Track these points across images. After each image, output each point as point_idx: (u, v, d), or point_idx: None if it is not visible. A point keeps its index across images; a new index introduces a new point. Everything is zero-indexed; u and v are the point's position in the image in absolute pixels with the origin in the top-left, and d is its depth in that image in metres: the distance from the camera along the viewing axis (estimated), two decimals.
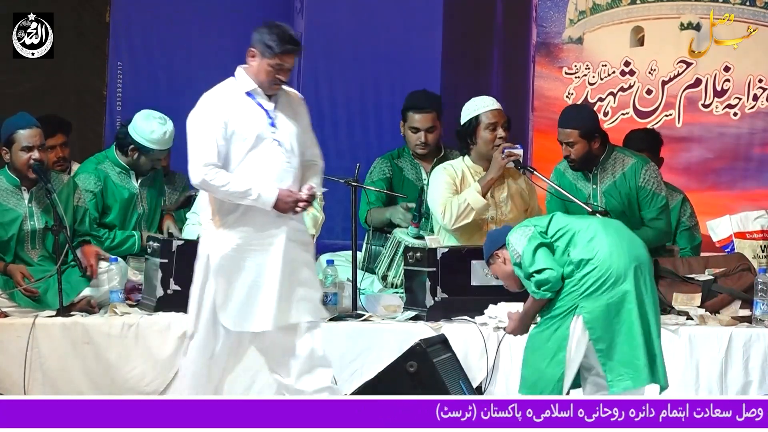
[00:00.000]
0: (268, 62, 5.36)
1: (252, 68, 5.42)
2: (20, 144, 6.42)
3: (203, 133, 5.36)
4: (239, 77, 5.45)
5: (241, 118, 5.36)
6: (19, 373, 6.05)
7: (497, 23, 9.17)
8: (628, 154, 6.97)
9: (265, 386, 6.13)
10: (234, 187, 5.29)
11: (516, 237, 5.36)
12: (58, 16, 7.37)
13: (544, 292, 5.26)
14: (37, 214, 6.52)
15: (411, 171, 7.42)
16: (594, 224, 5.37)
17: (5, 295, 6.39)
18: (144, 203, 7.07)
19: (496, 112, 6.90)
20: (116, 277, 6.46)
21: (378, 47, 8.88)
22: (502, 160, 6.74)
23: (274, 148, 5.37)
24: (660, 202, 6.88)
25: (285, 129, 5.41)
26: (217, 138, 5.33)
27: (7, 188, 6.51)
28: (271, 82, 5.39)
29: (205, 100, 5.46)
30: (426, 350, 5.37)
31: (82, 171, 7.05)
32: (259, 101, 5.42)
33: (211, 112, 5.39)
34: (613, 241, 5.29)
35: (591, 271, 5.24)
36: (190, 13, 8.68)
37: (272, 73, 5.37)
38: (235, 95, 5.42)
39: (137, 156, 6.96)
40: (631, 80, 9.03)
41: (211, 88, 5.49)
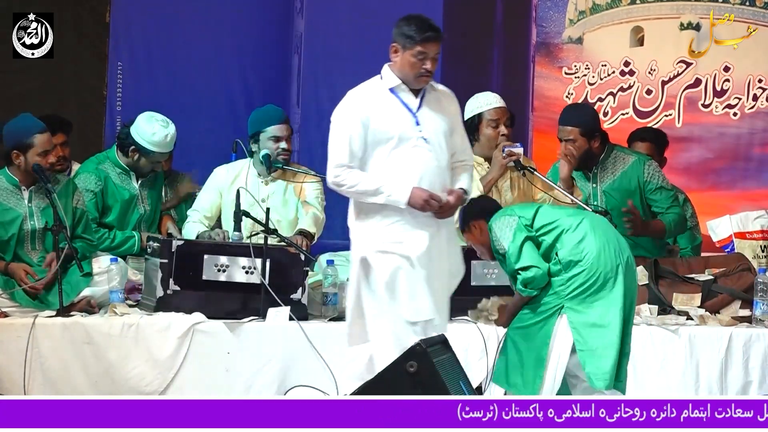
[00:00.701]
0: (410, 53, 5.27)
1: (396, 63, 5.34)
2: (37, 149, 6.42)
3: (339, 132, 5.30)
4: (384, 74, 5.36)
5: (383, 117, 5.28)
6: (19, 373, 6.05)
7: (497, 23, 9.18)
8: (628, 153, 6.98)
9: (265, 386, 6.14)
10: (364, 186, 5.27)
11: (499, 226, 5.36)
12: (58, 16, 7.37)
13: (531, 290, 5.29)
14: (37, 214, 6.52)
15: None
16: (583, 224, 5.36)
17: (5, 295, 6.39)
18: (145, 204, 7.07)
19: (499, 110, 6.90)
20: (116, 277, 6.46)
21: (378, 47, 8.86)
22: (503, 159, 6.74)
23: (420, 147, 5.27)
24: (669, 192, 6.89)
25: (431, 126, 5.31)
26: (354, 138, 5.26)
27: (6, 188, 6.51)
28: (416, 74, 5.29)
29: (347, 99, 5.38)
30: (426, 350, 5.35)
31: (83, 171, 7.05)
32: (402, 98, 5.33)
33: (350, 111, 5.31)
34: (601, 242, 5.30)
35: (579, 273, 5.26)
36: (190, 13, 8.68)
37: (417, 64, 5.28)
38: (378, 93, 5.33)
39: (138, 157, 6.96)
40: (630, 80, 9.03)
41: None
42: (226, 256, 6.33)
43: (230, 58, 8.77)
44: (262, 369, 6.18)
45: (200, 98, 8.59)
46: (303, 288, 6.40)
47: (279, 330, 6.22)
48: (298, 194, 6.89)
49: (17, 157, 6.45)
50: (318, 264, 6.84)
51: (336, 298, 6.50)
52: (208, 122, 8.50)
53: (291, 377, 6.17)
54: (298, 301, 6.37)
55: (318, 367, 6.12)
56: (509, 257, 5.30)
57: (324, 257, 6.82)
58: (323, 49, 8.90)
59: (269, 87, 8.82)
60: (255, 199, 6.67)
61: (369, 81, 5.41)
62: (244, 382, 6.15)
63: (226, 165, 6.99)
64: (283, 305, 6.25)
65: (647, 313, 6.52)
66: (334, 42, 8.89)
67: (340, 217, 7.83)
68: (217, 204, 6.88)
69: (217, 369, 6.17)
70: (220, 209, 6.89)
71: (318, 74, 8.92)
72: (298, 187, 6.90)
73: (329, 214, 7.13)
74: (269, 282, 6.26)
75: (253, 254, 6.29)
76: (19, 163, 6.45)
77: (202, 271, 6.31)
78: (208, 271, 6.32)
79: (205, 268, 6.32)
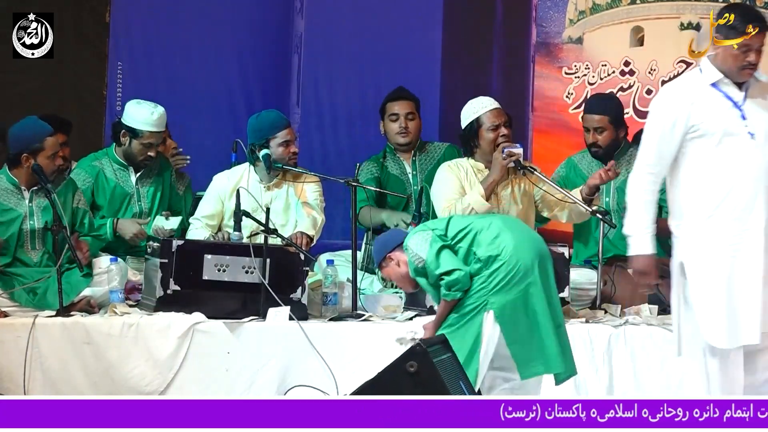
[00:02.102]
0: (733, 45, 5.04)
1: (717, 56, 5.09)
2: (48, 152, 6.45)
3: (652, 129, 5.11)
4: (704, 68, 5.13)
5: (705, 112, 5.05)
6: (19, 373, 6.05)
7: (497, 23, 9.17)
8: None
9: (265, 386, 6.14)
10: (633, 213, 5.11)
11: (415, 242, 5.43)
12: (58, 16, 7.36)
13: (455, 293, 5.34)
14: (37, 214, 6.52)
15: (395, 167, 7.45)
16: (495, 222, 5.45)
17: (5, 295, 6.39)
18: (142, 202, 7.06)
19: (496, 112, 6.88)
20: (116, 277, 6.46)
21: (378, 47, 8.88)
22: (502, 161, 6.73)
23: (746, 143, 5.02)
24: None
25: (758, 120, 5.06)
26: (665, 136, 5.04)
27: (6, 188, 6.52)
28: (740, 67, 5.06)
29: (664, 93, 5.18)
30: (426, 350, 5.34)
31: (77, 167, 7.08)
32: (726, 92, 5.10)
33: (667, 107, 5.10)
34: (516, 236, 5.37)
35: (500, 267, 5.31)
36: (190, 13, 8.68)
37: (740, 56, 5.05)
38: (698, 87, 5.10)
39: (129, 142, 6.97)
40: (630, 80, 9.02)
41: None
42: (227, 255, 6.33)
43: (230, 58, 8.76)
44: (262, 369, 6.18)
45: (200, 98, 8.58)
46: (303, 288, 6.40)
47: (279, 330, 6.22)
48: (298, 195, 6.88)
49: (27, 160, 6.46)
50: (318, 264, 6.85)
51: (336, 298, 6.50)
52: (208, 122, 8.50)
53: (291, 377, 6.17)
54: (298, 301, 6.37)
55: (318, 367, 6.12)
56: (429, 266, 5.37)
57: (324, 257, 6.82)
58: (323, 49, 8.90)
59: (269, 87, 8.82)
60: (258, 204, 6.63)
61: (687, 74, 5.21)
62: (244, 382, 6.16)
63: (226, 172, 6.95)
64: (283, 305, 6.25)
65: (647, 313, 6.52)
66: (334, 42, 8.89)
67: (340, 218, 7.88)
68: (220, 211, 6.84)
69: (217, 369, 6.17)
70: (222, 216, 6.85)
71: (318, 74, 8.92)
72: (299, 187, 6.89)
73: (329, 215, 7.13)
74: (269, 282, 6.26)
75: (253, 254, 6.29)
76: (28, 165, 6.47)
77: (202, 271, 6.32)
78: (209, 271, 6.32)
79: (206, 268, 6.32)
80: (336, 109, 8.90)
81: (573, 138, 8.87)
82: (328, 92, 8.91)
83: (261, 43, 8.87)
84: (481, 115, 6.86)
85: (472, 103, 6.93)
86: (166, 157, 7.29)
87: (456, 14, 8.99)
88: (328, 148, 8.81)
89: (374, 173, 7.41)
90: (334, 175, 6.87)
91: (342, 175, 6.88)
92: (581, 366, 6.15)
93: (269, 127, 6.78)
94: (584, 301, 6.71)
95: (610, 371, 6.21)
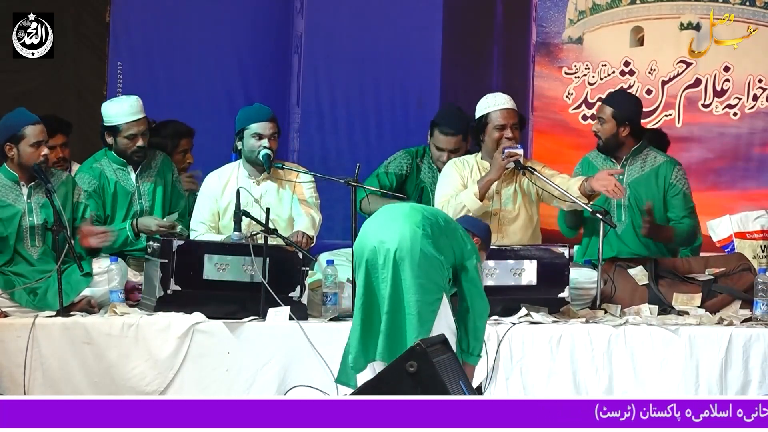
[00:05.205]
0: None
1: None
2: (29, 140, 6.42)
3: None
4: None
5: None
6: (19, 373, 6.05)
7: (497, 23, 9.18)
8: (661, 154, 7.03)
9: (265, 386, 6.14)
10: None
11: None
12: (58, 16, 7.36)
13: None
14: (37, 210, 6.51)
15: (428, 174, 7.42)
16: (380, 211, 5.48)
17: (5, 295, 6.39)
18: (144, 200, 7.06)
19: (506, 112, 6.87)
20: (116, 277, 6.46)
21: (378, 47, 8.88)
22: (502, 161, 6.73)
23: None
24: (689, 203, 6.92)
25: None
26: None
27: (5, 184, 6.51)
28: None
29: None
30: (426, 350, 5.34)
31: (79, 171, 7.06)
32: None
33: None
34: (367, 226, 5.40)
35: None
36: (190, 13, 8.68)
37: None
38: None
39: (115, 141, 6.97)
40: (630, 80, 9.03)
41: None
42: (226, 255, 6.33)
43: (230, 58, 8.77)
44: (262, 369, 6.18)
45: (200, 98, 8.58)
46: (302, 287, 6.40)
47: (279, 330, 6.22)
48: (293, 190, 6.87)
49: (10, 150, 6.44)
50: (318, 264, 6.84)
51: (336, 298, 6.50)
52: (208, 122, 8.49)
53: (291, 377, 6.17)
54: (298, 300, 6.37)
55: (318, 367, 6.12)
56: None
57: (324, 257, 6.81)
58: (323, 49, 8.90)
59: (269, 87, 8.82)
60: (252, 197, 6.66)
61: None
62: (244, 382, 6.15)
63: (216, 171, 6.95)
64: (283, 305, 6.25)
65: (647, 313, 6.52)
66: (334, 42, 8.89)
67: (340, 217, 7.87)
68: (215, 211, 6.85)
69: (217, 369, 6.17)
70: (219, 215, 6.86)
71: (318, 74, 8.93)
72: (292, 183, 6.87)
73: (329, 215, 7.13)
74: (268, 281, 6.26)
75: (252, 254, 6.29)
76: (13, 155, 6.45)
77: (203, 270, 6.32)
78: (209, 271, 6.32)
79: (206, 268, 6.32)
80: (336, 109, 8.91)
81: (573, 138, 8.89)
82: (328, 92, 8.91)
83: (261, 43, 8.87)
84: (491, 112, 6.86)
85: (488, 98, 6.93)
86: (169, 156, 7.28)
87: (456, 14, 8.99)
88: (328, 148, 8.81)
89: (403, 170, 7.36)
90: (334, 175, 6.86)
91: (342, 174, 6.88)
92: (581, 366, 6.18)
93: (245, 117, 6.80)
94: (584, 300, 6.71)
95: (610, 371, 6.21)
